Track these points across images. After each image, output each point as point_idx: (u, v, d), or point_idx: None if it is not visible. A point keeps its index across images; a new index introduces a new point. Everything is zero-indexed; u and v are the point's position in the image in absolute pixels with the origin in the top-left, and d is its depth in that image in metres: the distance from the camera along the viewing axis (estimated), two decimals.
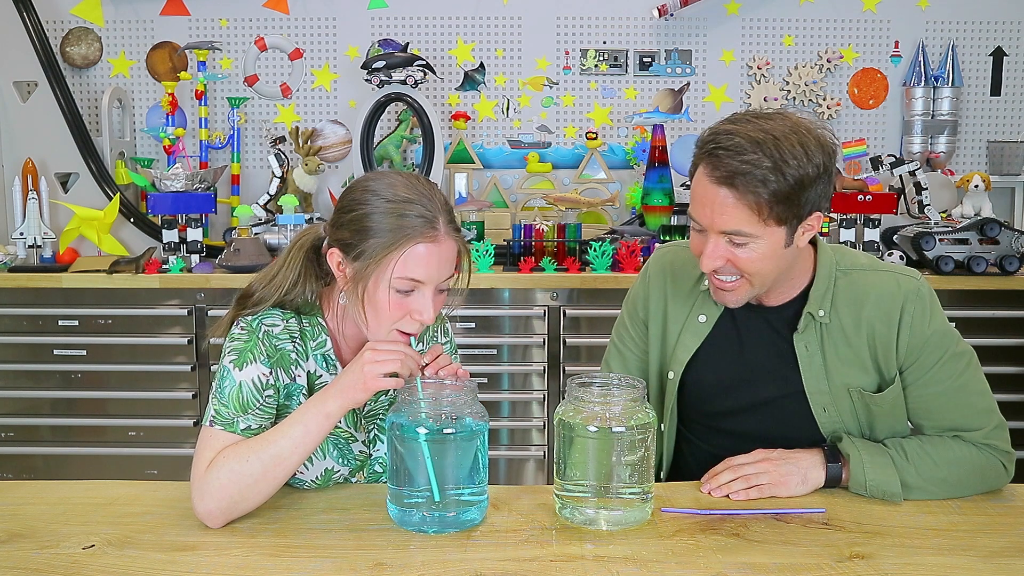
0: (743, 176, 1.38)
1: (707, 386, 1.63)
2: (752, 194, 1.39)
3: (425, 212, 1.37)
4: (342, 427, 1.51)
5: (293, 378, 1.48)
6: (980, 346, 3.05)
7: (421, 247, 1.36)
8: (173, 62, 3.73)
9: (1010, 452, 1.52)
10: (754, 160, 1.37)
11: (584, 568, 1.22)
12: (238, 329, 1.46)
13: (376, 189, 1.39)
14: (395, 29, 3.72)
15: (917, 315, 1.51)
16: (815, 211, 1.44)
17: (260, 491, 1.37)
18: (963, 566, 1.23)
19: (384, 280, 1.36)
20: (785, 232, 1.44)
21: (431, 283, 1.38)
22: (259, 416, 1.43)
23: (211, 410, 1.42)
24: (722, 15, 3.71)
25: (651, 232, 3.36)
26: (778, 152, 1.38)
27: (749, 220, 1.41)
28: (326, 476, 1.51)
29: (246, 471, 1.35)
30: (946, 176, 3.63)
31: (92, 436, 3.24)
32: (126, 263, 3.19)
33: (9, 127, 3.56)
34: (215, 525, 1.35)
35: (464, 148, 3.67)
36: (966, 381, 1.53)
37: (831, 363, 1.54)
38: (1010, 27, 3.71)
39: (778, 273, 1.50)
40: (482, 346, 3.18)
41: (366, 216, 1.37)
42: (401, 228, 1.35)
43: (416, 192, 1.38)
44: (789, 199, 1.39)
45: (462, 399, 1.36)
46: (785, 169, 1.38)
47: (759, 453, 1.51)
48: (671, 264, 1.69)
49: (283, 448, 1.36)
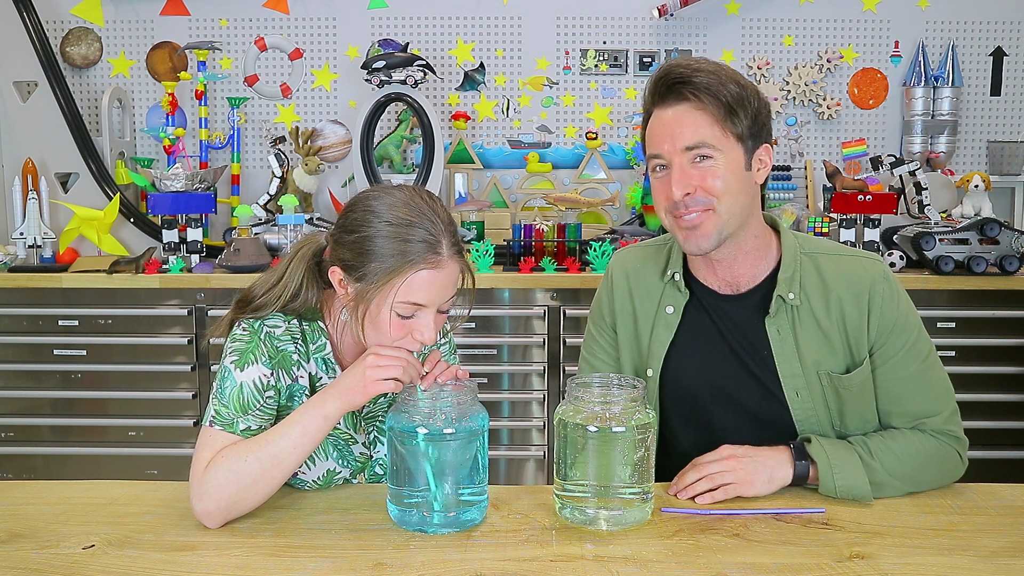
0: (701, 87, 1.46)
1: (689, 377, 1.61)
2: (710, 102, 1.46)
3: (428, 236, 1.36)
4: (341, 428, 1.52)
5: (295, 379, 1.48)
6: (980, 346, 3.12)
7: (424, 273, 1.36)
8: (173, 62, 3.73)
9: (964, 440, 1.55)
10: (707, 72, 1.47)
11: (584, 568, 1.22)
12: (240, 330, 1.46)
13: (378, 210, 1.38)
14: (395, 29, 3.72)
15: (887, 297, 1.53)
16: (764, 143, 1.52)
17: (258, 491, 1.37)
18: (963, 566, 1.23)
19: (386, 304, 1.37)
20: (743, 152, 1.49)
21: (433, 306, 1.39)
22: (259, 417, 1.43)
23: (211, 410, 1.42)
24: (722, 15, 3.71)
25: (651, 232, 3.36)
26: (722, 71, 1.49)
27: (711, 127, 1.47)
28: (327, 477, 1.52)
29: (244, 471, 1.35)
30: (946, 176, 3.63)
31: (92, 436, 3.24)
32: (126, 263, 3.19)
33: (9, 127, 3.56)
34: (213, 525, 1.35)
35: (464, 148, 3.67)
36: (929, 365, 1.55)
37: (803, 345, 1.54)
38: (1010, 27, 3.71)
39: (742, 205, 1.50)
40: (482, 346, 3.18)
41: (368, 239, 1.37)
42: (404, 253, 1.35)
43: (418, 213, 1.38)
44: (741, 108, 1.47)
45: (462, 399, 1.36)
46: (731, 83, 1.47)
47: (725, 450, 1.49)
48: (631, 263, 1.69)
49: (281, 448, 1.36)
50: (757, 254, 1.58)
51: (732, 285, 1.59)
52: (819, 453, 1.47)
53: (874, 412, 1.56)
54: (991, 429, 3.09)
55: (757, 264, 1.58)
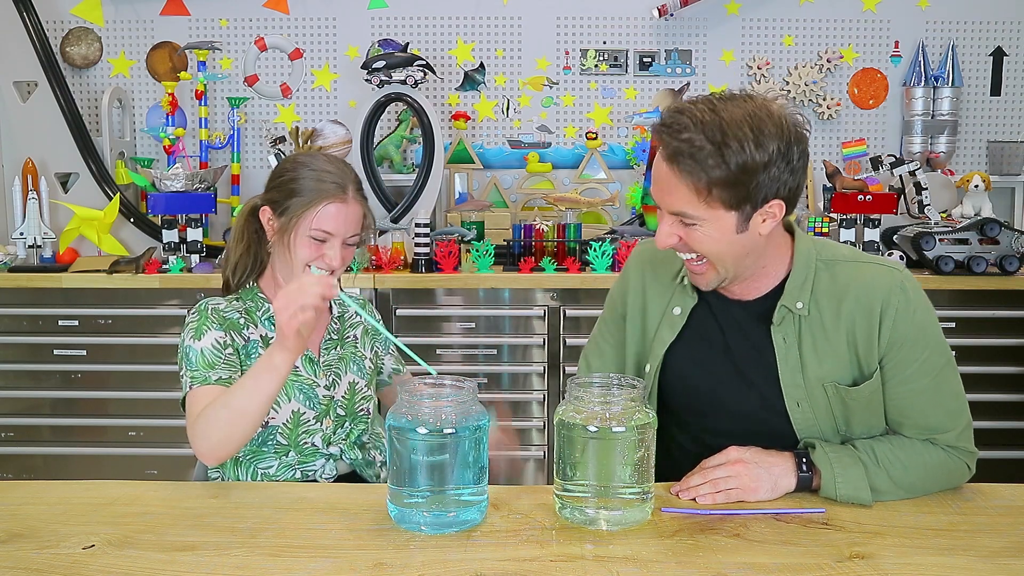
0: (683, 157, 1.38)
1: (689, 380, 1.61)
2: (691, 176, 1.38)
3: (338, 180, 1.71)
4: (304, 375, 1.76)
5: (246, 339, 1.73)
6: (980, 346, 3.12)
7: (333, 206, 1.69)
8: (173, 62, 3.73)
9: (975, 452, 1.53)
10: (695, 141, 1.37)
11: (584, 568, 1.22)
12: (189, 314, 1.74)
13: (304, 162, 1.75)
14: (395, 29, 3.72)
15: (901, 309, 1.48)
16: (774, 198, 1.42)
17: (236, 435, 1.57)
18: (963, 566, 1.23)
19: (303, 230, 1.69)
20: (736, 217, 1.42)
21: (339, 236, 1.71)
22: (226, 369, 1.66)
23: (186, 381, 1.65)
24: (722, 15, 3.71)
25: (651, 232, 3.35)
26: (721, 135, 1.36)
27: (691, 201, 1.40)
28: (295, 419, 1.73)
29: (222, 418, 1.55)
30: (946, 176, 3.63)
31: (92, 436, 3.24)
32: (126, 263, 3.19)
33: (9, 127, 3.57)
34: (211, 463, 1.61)
35: (464, 148, 3.67)
36: (943, 380, 1.51)
37: (807, 358, 1.51)
38: (1010, 27, 3.71)
39: (742, 259, 1.48)
40: (482, 346, 3.18)
41: (293, 180, 1.72)
42: (319, 191, 1.69)
43: (332, 166, 1.74)
44: (734, 184, 1.38)
45: (462, 399, 1.36)
46: (727, 153, 1.36)
47: (733, 452, 1.48)
48: (650, 259, 1.68)
49: (243, 401, 1.55)
50: (771, 268, 1.55)
51: (744, 293, 1.57)
52: (823, 462, 1.46)
53: (881, 419, 1.54)
54: (991, 429, 3.09)
55: (770, 275, 1.55)
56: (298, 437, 1.74)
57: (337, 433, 1.78)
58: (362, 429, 1.83)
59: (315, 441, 1.76)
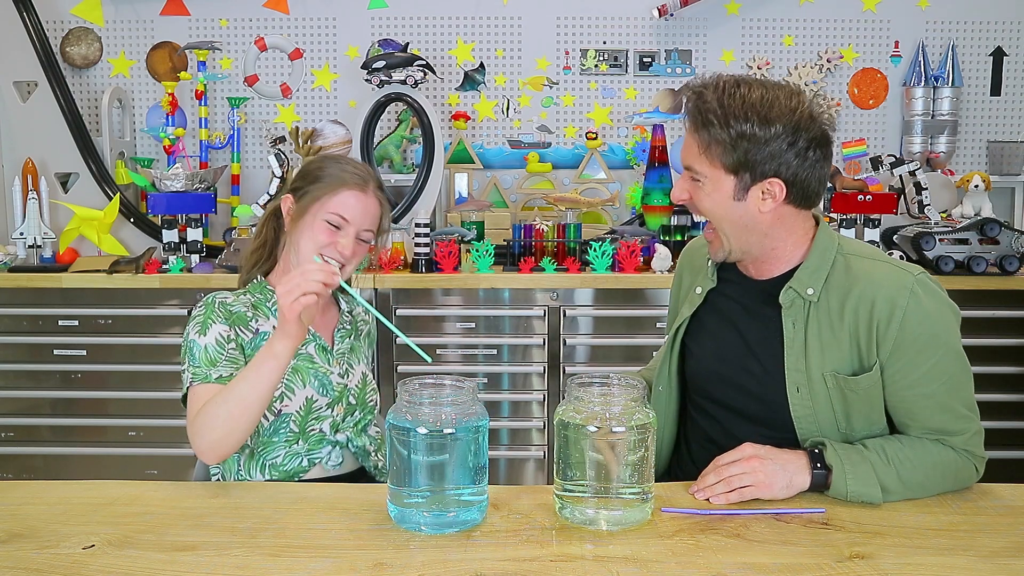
0: (696, 112, 1.51)
1: (697, 360, 1.68)
2: (697, 133, 1.51)
3: (360, 175, 1.77)
4: (319, 363, 1.78)
5: (255, 331, 1.74)
6: (980, 346, 3.12)
7: (354, 193, 1.74)
8: (173, 62, 3.73)
9: (983, 457, 1.54)
10: (708, 100, 1.49)
11: (584, 568, 1.22)
12: (196, 308, 1.73)
13: (331, 156, 1.91)
14: (395, 29, 3.72)
15: (910, 311, 1.48)
16: (773, 176, 1.49)
17: (237, 430, 1.57)
18: (963, 566, 1.23)
19: (320, 213, 1.73)
20: (734, 183, 1.51)
21: (354, 225, 1.74)
22: (228, 366, 1.66)
23: (187, 376, 1.65)
24: (722, 15, 3.71)
25: (651, 232, 3.36)
26: (731, 102, 1.48)
27: (696, 155, 1.52)
28: (307, 405, 1.74)
29: (221, 413, 1.56)
30: (946, 176, 3.63)
31: (92, 436, 3.24)
32: (126, 263, 3.19)
33: (9, 127, 3.56)
34: (210, 461, 1.62)
35: (464, 148, 3.67)
36: (955, 386, 1.51)
37: (811, 345, 1.53)
38: (1010, 27, 3.71)
39: (741, 232, 1.54)
40: (482, 346, 3.18)
41: (318, 169, 1.78)
42: (340, 179, 1.75)
43: (359, 165, 1.81)
44: (732, 148, 1.48)
45: (462, 399, 1.36)
46: (730, 119, 1.47)
47: (748, 448, 1.48)
48: (692, 249, 1.82)
49: (243, 391, 1.56)
50: (785, 251, 1.59)
51: (759, 273, 1.62)
52: (834, 459, 1.46)
53: (882, 416, 1.55)
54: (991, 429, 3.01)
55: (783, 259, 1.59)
56: (307, 424, 1.76)
57: (346, 421, 1.80)
58: (369, 420, 1.86)
59: (323, 427, 1.77)
